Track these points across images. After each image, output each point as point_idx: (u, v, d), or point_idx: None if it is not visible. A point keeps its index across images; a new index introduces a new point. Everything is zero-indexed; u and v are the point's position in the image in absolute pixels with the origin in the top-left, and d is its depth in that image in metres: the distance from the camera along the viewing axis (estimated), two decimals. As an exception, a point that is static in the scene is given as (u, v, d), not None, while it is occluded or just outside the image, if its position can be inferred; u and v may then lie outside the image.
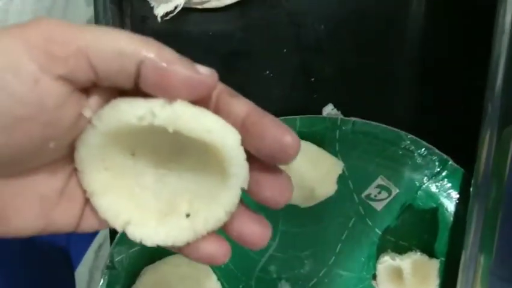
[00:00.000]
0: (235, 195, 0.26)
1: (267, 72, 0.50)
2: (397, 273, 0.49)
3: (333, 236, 0.51)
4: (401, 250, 0.50)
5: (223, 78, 0.49)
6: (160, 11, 0.47)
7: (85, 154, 0.26)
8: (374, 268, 0.50)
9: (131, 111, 0.24)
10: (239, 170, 0.25)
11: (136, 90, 0.25)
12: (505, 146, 0.43)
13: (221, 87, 0.27)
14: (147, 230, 0.27)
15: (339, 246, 0.51)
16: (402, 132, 0.48)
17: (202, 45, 0.50)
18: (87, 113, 0.25)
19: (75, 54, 0.23)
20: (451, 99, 0.50)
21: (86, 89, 0.25)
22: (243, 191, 0.26)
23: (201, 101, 0.25)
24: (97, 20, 0.48)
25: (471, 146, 0.46)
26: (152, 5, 0.47)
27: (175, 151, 0.28)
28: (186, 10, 0.48)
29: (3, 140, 0.23)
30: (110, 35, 0.23)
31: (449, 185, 0.49)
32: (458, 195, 0.49)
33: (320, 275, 0.51)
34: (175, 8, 0.47)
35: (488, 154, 0.45)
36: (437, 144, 0.48)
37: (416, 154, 0.48)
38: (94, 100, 0.25)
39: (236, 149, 0.25)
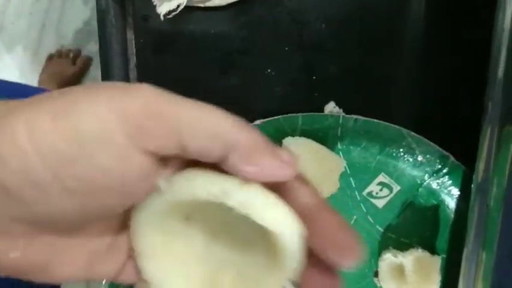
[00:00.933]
0: (282, 286, 0.25)
1: (269, 70, 0.50)
2: (399, 270, 0.49)
3: (335, 234, 0.51)
4: (402, 247, 0.50)
5: (225, 76, 0.50)
6: (162, 9, 0.47)
7: (144, 218, 0.26)
8: (376, 265, 0.50)
9: (205, 187, 0.24)
10: (294, 264, 0.25)
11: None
12: (505, 143, 0.43)
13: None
14: None
15: (341, 244, 0.51)
16: (404, 130, 0.48)
17: (205, 44, 0.50)
18: (162, 185, 0.24)
19: (169, 132, 0.22)
20: (452, 97, 0.50)
21: (167, 159, 0.25)
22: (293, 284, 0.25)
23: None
24: (99, 18, 0.48)
25: (472, 143, 0.46)
26: (154, 4, 0.47)
27: (229, 221, 0.28)
28: (189, 8, 0.48)
29: (77, 205, 0.22)
30: (206, 116, 0.23)
31: (450, 182, 0.49)
32: (459, 192, 0.49)
33: (322, 272, 0.51)
34: (178, 6, 0.47)
35: (489, 151, 0.45)
36: (438, 141, 0.48)
37: (417, 151, 0.48)
38: (170, 170, 0.25)
39: (296, 243, 0.24)
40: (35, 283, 0.26)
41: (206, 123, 0.23)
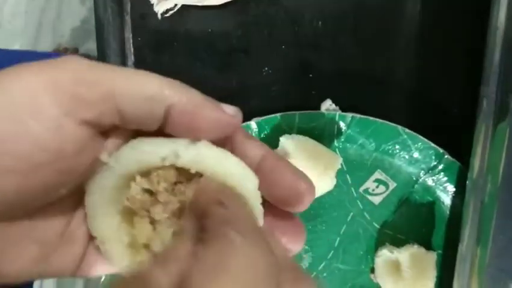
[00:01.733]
0: None
1: (266, 68, 0.50)
2: (395, 266, 0.49)
3: (332, 230, 0.51)
4: (398, 243, 0.50)
5: (223, 75, 0.50)
6: (160, 8, 0.47)
7: (98, 198, 0.24)
8: (372, 261, 0.51)
9: (154, 152, 0.23)
10: (255, 214, 0.25)
11: (156, 131, 0.24)
12: (500, 141, 0.43)
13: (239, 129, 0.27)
14: None
15: (337, 240, 0.51)
16: (400, 127, 0.48)
17: (202, 42, 0.50)
18: (104, 158, 0.24)
19: (103, 98, 0.22)
20: (447, 94, 0.50)
21: (106, 131, 0.24)
22: None
23: (221, 139, 0.25)
24: (97, 17, 0.48)
25: (467, 140, 0.47)
26: (152, 2, 0.48)
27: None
28: (186, 7, 0.48)
29: (15, 184, 0.21)
30: (139, 78, 0.23)
31: (446, 178, 0.49)
32: (454, 189, 0.49)
33: (319, 268, 0.52)
34: (175, 5, 0.47)
35: (483, 148, 0.45)
36: (434, 138, 0.48)
37: (413, 148, 0.49)
38: (112, 142, 0.24)
39: (253, 193, 0.24)
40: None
41: (140, 85, 0.22)
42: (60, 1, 1.53)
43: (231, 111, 0.24)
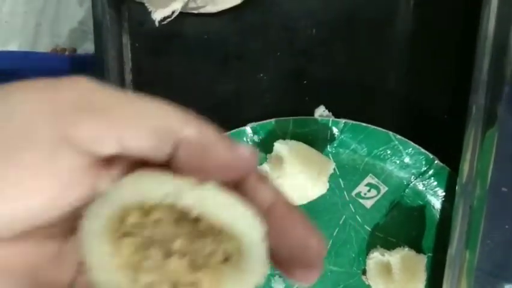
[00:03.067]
0: None
1: (261, 75, 0.51)
2: (386, 269, 0.50)
3: (325, 233, 0.52)
4: (389, 246, 0.51)
5: (218, 81, 0.51)
6: (157, 15, 0.48)
7: (92, 224, 0.22)
8: (364, 263, 0.52)
9: (155, 187, 0.21)
10: (258, 267, 0.22)
11: (164, 163, 0.22)
12: (488, 147, 0.44)
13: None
14: None
15: (330, 243, 0.52)
16: (391, 133, 0.49)
17: (198, 49, 0.51)
18: (103, 186, 0.22)
19: (105, 128, 0.20)
20: (438, 101, 0.51)
21: (109, 160, 0.22)
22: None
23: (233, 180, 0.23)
24: (96, 23, 0.49)
25: (456, 146, 0.47)
26: (150, 10, 0.48)
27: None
28: (183, 15, 0.49)
29: (5, 209, 0.20)
30: (147, 108, 0.21)
31: (436, 183, 0.50)
32: (444, 193, 0.50)
33: (312, 270, 0.52)
34: (173, 13, 0.48)
35: (472, 154, 0.46)
36: (424, 144, 0.49)
37: (404, 154, 0.50)
38: (114, 172, 0.22)
39: (259, 245, 0.22)
40: None
41: (148, 117, 0.21)
42: (59, 2, 1.53)
43: (246, 152, 0.22)
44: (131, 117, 0.20)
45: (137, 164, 0.22)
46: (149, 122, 0.21)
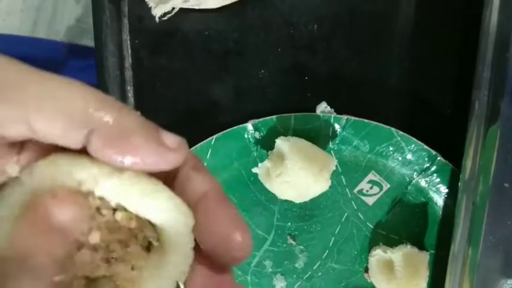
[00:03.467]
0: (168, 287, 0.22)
1: (262, 71, 0.51)
2: (388, 266, 0.50)
3: (327, 231, 0.52)
4: (392, 243, 0.51)
5: (219, 77, 0.51)
6: (158, 11, 0.48)
7: (6, 214, 0.21)
8: (366, 261, 0.52)
9: (70, 173, 0.20)
10: (180, 259, 0.22)
11: (80, 150, 0.21)
12: (491, 143, 0.44)
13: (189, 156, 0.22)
14: None
15: (332, 240, 0.52)
16: (393, 129, 0.49)
17: (199, 45, 0.50)
18: (12, 171, 0.21)
19: (12, 109, 0.19)
20: (440, 97, 0.51)
21: (20, 143, 0.21)
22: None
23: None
24: (95, 19, 0.49)
25: (459, 143, 0.47)
26: (150, 6, 0.48)
27: None
28: (183, 10, 0.49)
29: None
30: (58, 91, 0.19)
31: (438, 180, 0.50)
32: (446, 190, 0.50)
33: (314, 268, 0.52)
34: (173, 8, 0.48)
35: (475, 150, 0.46)
36: (427, 140, 0.49)
37: (406, 150, 0.50)
38: (25, 156, 0.21)
39: (183, 237, 0.21)
40: None
41: (60, 98, 0.19)
42: (56, 0, 1.53)
43: (173, 142, 0.21)
44: (41, 98, 0.19)
45: (51, 150, 0.21)
46: (61, 104, 0.19)
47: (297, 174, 0.46)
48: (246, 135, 0.50)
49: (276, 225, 0.52)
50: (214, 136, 0.49)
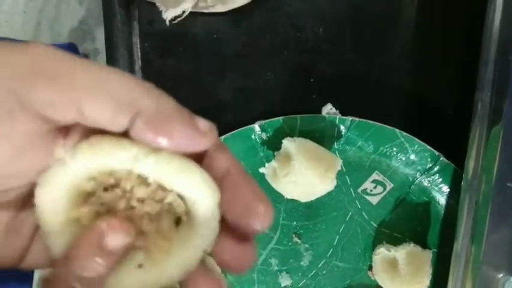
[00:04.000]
0: (196, 256, 0.24)
1: (269, 73, 0.52)
2: (392, 264, 0.50)
3: (331, 229, 0.53)
4: (395, 242, 0.52)
5: (227, 79, 0.51)
6: (168, 15, 0.48)
7: (48, 193, 0.23)
8: (370, 259, 0.52)
9: (112, 153, 0.22)
10: (208, 232, 0.24)
11: (121, 133, 0.22)
12: (494, 143, 0.45)
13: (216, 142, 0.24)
14: None
15: (336, 239, 0.53)
16: (397, 130, 0.50)
17: (207, 48, 0.51)
18: (60, 153, 0.22)
19: (63, 95, 0.20)
20: (444, 98, 0.52)
21: (65, 128, 0.22)
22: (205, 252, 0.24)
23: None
24: (106, 23, 0.50)
25: (462, 143, 0.48)
26: (160, 9, 0.49)
27: None
28: (192, 14, 0.49)
29: None
30: (106, 77, 0.21)
31: (441, 179, 0.51)
32: (449, 190, 0.51)
33: (319, 266, 0.53)
34: (183, 12, 0.48)
35: (478, 151, 0.46)
36: (430, 141, 0.50)
37: (409, 151, 0.50)
38: (72, 140, 0.22)
39: (211, 211, 0.23)
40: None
41: (107, 85, 0.21)
42: (59, 1, 1.53)
43: (205, 127, 0.22)
44: (89, 84, 0.20)
45: (95, 132, 0.22)
46: (108, 91, 0.21)
47: (303, 174, 0.47)
48: (253, 136, 0.51)
49: (282, 224, 0.53)
50: (222, 137, 0.50)
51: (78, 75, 0.20)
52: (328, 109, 0.51)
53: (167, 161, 0.22)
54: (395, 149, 0.51)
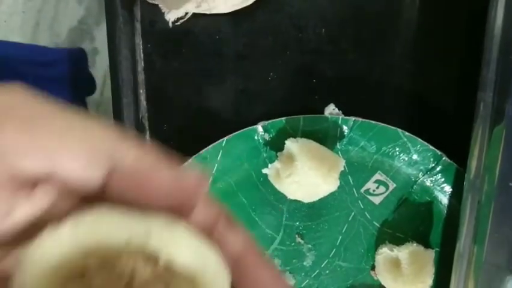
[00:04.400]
0: None
1: (271, 74, 0.52)
2: (395, 264, 0.51)
3: (334, 229, 0.53)
4: (398, 241, 0.52)
5: (229, 80, 0.52)
6: (171, 16, 0.48)
7: (35, 272, 0.19)
8: (373, 259, 0.53)
9: (120, 231, 0.19)
10: None
11: (96, 193, 0.20)
12: (496, 143, 0.45)
13: (219, 211, 0.22)
14: None
15: (339, 239, 0.53)
16: (399, 130, 0.50)
17: (209, 49, 0.51)
18: (20, 211, 0.19)
19: (33, 146, 0.18)
20: (446, 98, 0.52)
21: (29, 183, 0.19)
22: None
23: (182, 208, 0.21)
24: (108, 25, 0.50)
25: (464, 143, 0.48)
26: (163, 11, 0.49)
27: None
28: (195, 15, 0.49)
29: None
30: (83, 125, 0.19)
31: (443, 179, 0.51)
32: (451, 189, 0.51)
33: (322, 266, 0.53)
34: (186, 13, 0.49)
35: (480, 150, 0.46)
36: (432, 141, 0.50)
37: (412, 151, 0.50)
38: (36, 197, 0.20)
39: None
40: None
41: (82, 135, 0.19)
42: (57, 1, 1.53)
43: (193, 179, 0.21)
44: (66, 131, 0.19)
45: (65, 195, 0.20)
46: (85, 140, 0.19)
47: (306, 175, 0.47)
48: (255, 137, 0.51)
49: (285, 225, 0.53)
50: (225, 138, 0.50)
51: (53, 121, 0.19)
52: (331, 109, 0.51)
53: (181, 238, 0.20)
54: (397, 149, 0.51)
